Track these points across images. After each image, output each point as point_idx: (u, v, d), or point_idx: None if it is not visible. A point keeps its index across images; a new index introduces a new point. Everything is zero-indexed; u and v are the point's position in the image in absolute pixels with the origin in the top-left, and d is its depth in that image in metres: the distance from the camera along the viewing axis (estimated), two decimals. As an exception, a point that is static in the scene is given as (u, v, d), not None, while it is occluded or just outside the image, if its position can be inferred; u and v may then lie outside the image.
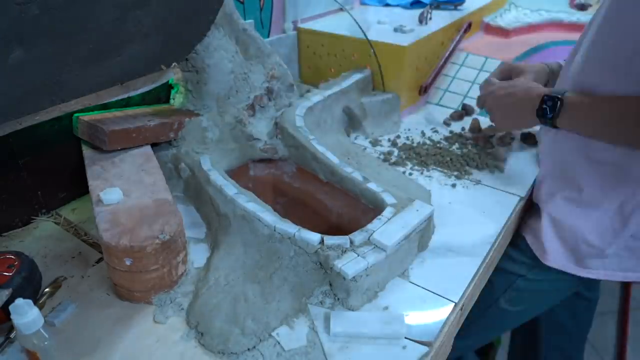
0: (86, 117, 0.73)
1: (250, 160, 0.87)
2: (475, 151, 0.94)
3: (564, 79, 0.78)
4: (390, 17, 1.24)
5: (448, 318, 0.59)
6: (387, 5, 1.40)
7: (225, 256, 0.64)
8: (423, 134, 1.02)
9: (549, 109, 0.71)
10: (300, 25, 1.17)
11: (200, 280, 0.62)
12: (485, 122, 1.03)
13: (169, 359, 0.53)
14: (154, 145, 0.77)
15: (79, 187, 0.76)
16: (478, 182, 0.86)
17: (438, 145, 0.97)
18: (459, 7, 1.34)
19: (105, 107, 0.78)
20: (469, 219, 0.76)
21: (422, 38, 1.07)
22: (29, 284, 0.57)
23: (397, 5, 1.39)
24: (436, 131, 1.03)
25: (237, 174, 0.83)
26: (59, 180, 0.76)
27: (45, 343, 0.48)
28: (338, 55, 1.11)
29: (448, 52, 1.19)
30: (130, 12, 0.64)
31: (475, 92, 1.14)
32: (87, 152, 0.73)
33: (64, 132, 0.74)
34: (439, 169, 0.89)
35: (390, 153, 0.93)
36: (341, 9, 1.27)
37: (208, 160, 0.78)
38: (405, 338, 0.55)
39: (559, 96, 0.70)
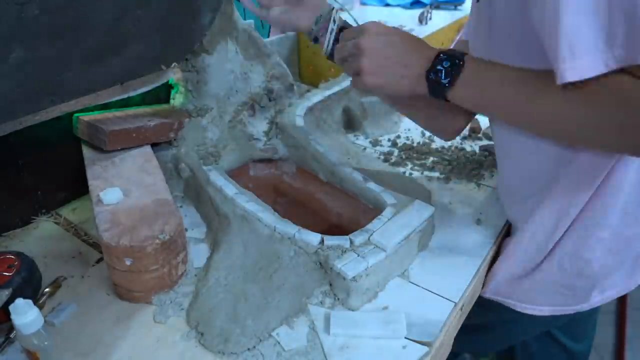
0: (86, 117, 0.73)
1: (250, 160, 0.87)
2: (475, 151, 0.94)
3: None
4: (390, 17, 1.24)
5: (448, 318, 0.59)
6: (387, 5, 1.40)
7: (225, 256, 0.64)
8: (423, 134, 1.01)
9: (444, 73, 0.53)
10: (300, 25, 1.17)
11: (200, 280, 0.62)
12: (485, 121, 1.03)
13: (169, 359, 0.53)
14: (154, 145, 0.77)
15: (79, 187, 0.76)
16: (478, 182, 0.86)
17: (438, 145, 0.97)
18: (459, 7, 1.34)
19: (105, 107, 0.78)
20: (468, 219, 0.76)
21: (422, 38, 1.06)
22: (29, 284, 0.57)
23: (397, 5, 1.39)
24: (436, 131, 1.03)
25: (237, 174, 0.83)
26: (59, 180, 0.76)
27: (45, 343, 0.48)
28: (338, 55, 1.11)
29: (448, 52, 1.19)
30: (130, 12, 0.64)
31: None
32: (87, 152, 0.73)
33: (64, 132, 0.74)
34: (439, 169, 0.89)
35: (390, 153, 0.93)
36: (341, 9, 1.27)
37: (208, 160, 0.78)
38: (405, 338, 0.55)
39: (460, 57, 0.53)
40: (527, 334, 0.85)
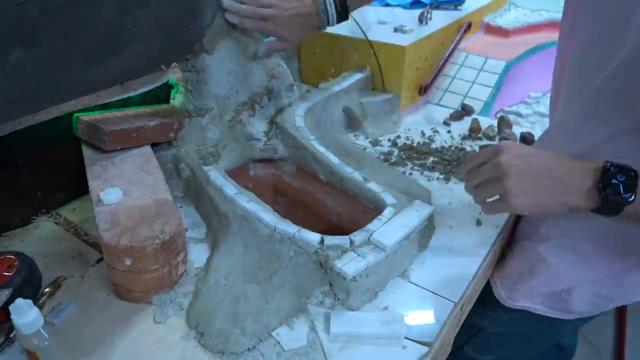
0: (86, 117, 0.73)
1: (250, 160, 0.87)
2: (475, 151, 0.94)
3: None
4: (390, 17, 1.24)
5: (448, 318, 0.59)
6: (387, 5, 1.40)
7: (225, 256, 0.64)
8: (423, 134, 1.02)
9: (623, 187, 0.48)
10: (300, 25, 1.17)
11: (200, 280, 0.62)
12: (485, 121, 1.03)
13: (169, 359, 0.53)
14: (154, 145, 0.77)
15: (79, 187, 0.76)
16: (478, 182, 0.86)
17: (438, 145, 0.97)
18: (459, 7, 1.34)
19: (105, 107, 0.78)
20: (468, 219, 0.76)
21: (422, 38, 1.06)
22: (29, 284, 0.57)
23: (397, 5, 1.39)
24: (436, 131, 1.03)
25: (237, 174, 0.83)
26: (59, 180, 0.76)
27: (45, 343, 0.48)
28: (338, 55, 1.11)
29: (448, 52, 1.19)
30: (130, 12, 0.64)
31: (476, 92, 1.15)
32: (87, 152, 0.73)
33: (64, 132, 0.74)
34: (439, 169, 0.89)
35: (390, 153, 0.93)
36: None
37: (208, 160, 0.78)
38: (405, 338, 0.55)
39: (630, 168, 0.49)
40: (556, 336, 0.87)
